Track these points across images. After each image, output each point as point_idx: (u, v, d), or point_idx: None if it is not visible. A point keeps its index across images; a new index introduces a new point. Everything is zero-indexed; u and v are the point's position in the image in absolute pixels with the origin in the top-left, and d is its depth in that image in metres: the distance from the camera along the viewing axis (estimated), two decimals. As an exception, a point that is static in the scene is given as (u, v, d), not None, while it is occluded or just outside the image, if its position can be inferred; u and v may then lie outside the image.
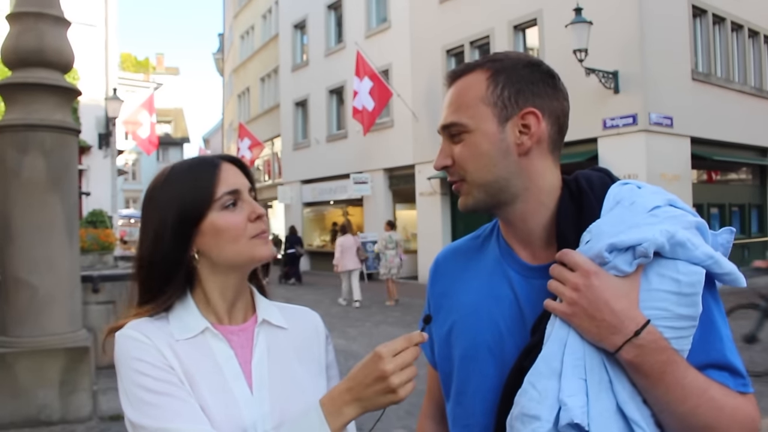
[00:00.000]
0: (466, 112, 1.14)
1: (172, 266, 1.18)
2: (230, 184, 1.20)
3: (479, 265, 1.25)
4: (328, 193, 23.87)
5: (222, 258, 1.19)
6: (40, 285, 4.68)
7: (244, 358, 1.20)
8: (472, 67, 1.17)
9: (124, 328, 1.15)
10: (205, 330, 1.18)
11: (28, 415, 4.70)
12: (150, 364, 1.09)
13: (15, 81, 4.66)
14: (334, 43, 23.76)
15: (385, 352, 1.04)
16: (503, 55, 1.18)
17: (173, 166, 1.25)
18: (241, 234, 1.18)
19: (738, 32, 16.45)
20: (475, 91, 1.14)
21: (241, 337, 1.22)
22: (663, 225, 1.01)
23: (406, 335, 1.07)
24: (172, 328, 1.17)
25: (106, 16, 18.07)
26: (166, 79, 48.02)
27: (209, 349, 1.17)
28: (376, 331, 10.70)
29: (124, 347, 1.12)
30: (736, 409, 1.01)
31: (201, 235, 1.18)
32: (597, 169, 1.23)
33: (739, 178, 17.57)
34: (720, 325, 1.06)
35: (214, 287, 1.21)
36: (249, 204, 1.21)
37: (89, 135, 17.21)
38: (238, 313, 1.25)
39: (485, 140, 1.13)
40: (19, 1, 4.71)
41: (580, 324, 1.01)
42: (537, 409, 0.98)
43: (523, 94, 1.13)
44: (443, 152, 1.18)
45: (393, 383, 1.02)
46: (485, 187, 1.14)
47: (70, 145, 4.90)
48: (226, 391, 1.14)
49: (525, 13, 15.52)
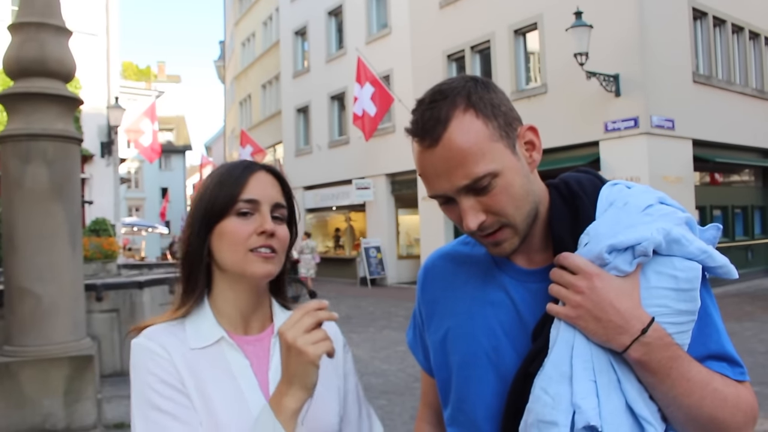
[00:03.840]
0: (484, 158, 1.03)
1: (193, 261, 1.20)
2: (252, 192, 1.19)
3: (471, 270, 1.24)
4: (331, 199, 23.88)
5: (223, 263, 1.20)
6: (44, 294, 4.68)
7: (261, 368, 1.19)
8: (447, 115, 1.04)
9: (142, 335, 1.16)
10: (221, 339, 1.18)
11: (33, 423, 4.70)
12: (160, 380, 1.10)
13: (17, 91, 4.67)
14: (334, 50, 23.82)
15: (283, 327, 1.05)
16: (456, 87, 1.07)
17: (222, 164, 1.27)
18: (241, 244, 1.17)
19: (739, 34, 16.46)
20: (479, 134, 1.04)
21: (257, 348, 1.22)
22: (658, 223, 1.03)
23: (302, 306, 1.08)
24: (188, 336, 1.17)
25: (108, 25, 18.13)
26: (167, 87, 48.19)
27: (224, 358, 1.17)
28: (379, 336, 10.68)
29: (140, 358, 1.12)
30: (738, 397, 1.04)
31: (213, 235, 1.19)
32: (584, 170, 1.22)
33: (741, 180, 17.55)
34: (715, 317, 1.09)
35: (227, 295, 1.22)
36: (262, 217, 1.19)
37: (91, 144, 17.27)
38: (254, 323, 1.25)
39: (515, 176, 1.07)
40: (20, 12, 4.73)
41: (586, 326, 1.01)
42: (553, 415, 0.98)
43: (507, 115, 1.09)
44: (472, 210, 1.05)
45: (299, 346, 1.02)
46: (527, 220, 1.10)
47: (72, 154, 4.90)
48: (241, 401, 1.13)
49: (525, 18, 15.54)
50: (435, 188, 1.08)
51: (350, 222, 24.04)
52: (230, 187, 1.19)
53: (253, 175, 1.21)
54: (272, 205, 1.21)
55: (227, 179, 1.20)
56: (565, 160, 13.60)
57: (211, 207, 1.18)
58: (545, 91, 14.81)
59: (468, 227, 1.06)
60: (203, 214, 1.19)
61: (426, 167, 1.07)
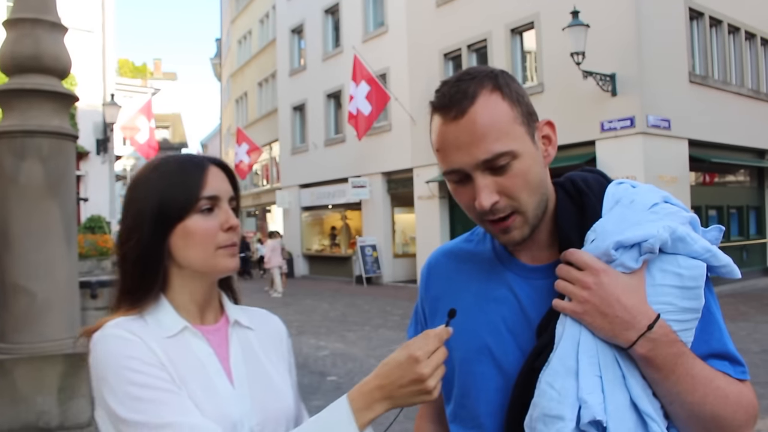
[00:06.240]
0: (507, 137, 1.05)
1: (148, 262, 1.17)
2: (212, 189, 1.19)
3: (474, 268, 1.25)
4: (327, 198, 23.86)
5: (187, 262, 1.18)
6: (39, 291, 4.66)
7: (222, 356, 1.20)
8: (475, 91, 1.06)
9: (106, 328, 1.12)
10: (184, 329, 1.17)
11: (27, 421, 4.68)
12: (142, 361, 1.07)
13: (12, 87, 4.65)
14: (331, 48, 23.79)
15: (421, 354, 1.03)
16: (484, 70, 1.11)
17: (162, 159, 1.23)
18: (210, 242, 1.17)
19: (735, 34, 16.49)
20: (503, 114, 1.05)
21: (216, 336, 1.23)
22: (664, 221, 1.04)
23: (435, 332, 1.06)
24: (152, 328, 1.15)
25: (104, 22, 18.07)
26: (163, 84, 48.07)
27: (189, 347, 1.16)
28: (375, 334, 10.68)
29: (112, 346, 1.08)
30: (740, 395, 1.05)
31: (173, 235, 1.17)
32: (590, 170, 1.23)
33: (737, 180, 17.59)
34: (718, 316, 1.10)
35: (184, 290, 1.21)
36: (225, 213, 1.20)
37: (87, 141, 17.19)
38: (209, 314, 1.25)
39: (532, 162, 1.07)
40: (15, 7, 4.71)
41: (593, 322, 1.02)
42: (558, 409, 0.99)
43: (529, 106, 1.12)
44: (487, 188, 1.05)
45: (429, 386, 1.03)
46: (537, 211, 1.10)
47: (67, 151, 4.88)
48: (211, 387, 1.14)
49: (522, 17, 15.55)
50: (453, 162, 1.07)
51: (346, 220, 24.04)
52: (189, 186, 1.17)
53: (209, 171, 1.20)
54: (228, 199, 1.22)
55: (183, 178, 1.18)
56: (562, 160, 13.60)
57: (169, 207, 1.16)
58: (542, 91, 14.82)
59: (481, 205, 1.06)
60: (157, 215, 1.16)
61: (447, 139, 1.07)
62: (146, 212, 1.16)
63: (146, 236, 1.16)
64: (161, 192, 1.17)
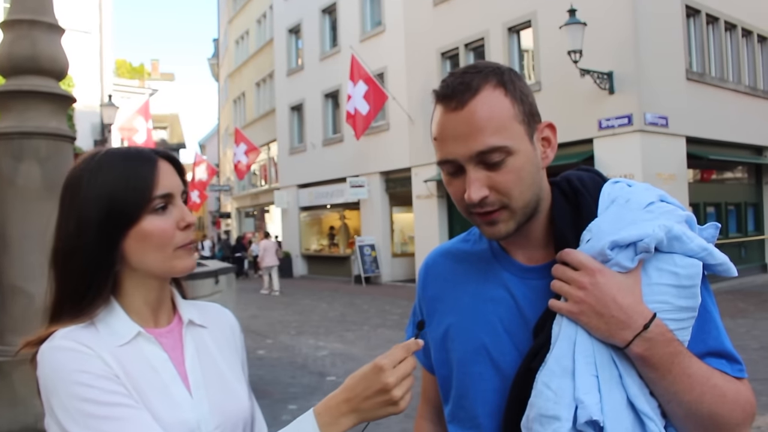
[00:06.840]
0: (504, 133, 1.05)
1: (96, 270, 1.08)
2: (165, 186, 1.10)
3: (471, 267, 1.25)
4: (325, 197, 23.85)
5: (142, 265, 1.11)
6: (37, 293, 4.66)
7: (177, 360, 1.15)
8: (479, 84, 1.07)
9: (54, 339, 1.03)
10: (138, 335, 1.10)
11: (25, 423, 4.68)
12: (95, 375, 1.00)
13: (9, 89, 4.64)
14: (329, 47, 23.77)
15: (386, 363, 1.02)
16: (490, 66, 1.11)
17: (105, 153, 1.12)
18: (168, 243, 1.10)
19: (732, 32, 16.50)
20: (504, 110, 1.06)
21: (170, 339, 1.17)
22: (659, 220, 1.04)
23: (403, 344, 1.06)
24: (104, 336, 1.07)
25: (101, 23, 18.06)
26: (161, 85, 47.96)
27: (143, 354, 1.10)
28: (374, 334, 10.68)
29: (61, 360, 1.00)
30: (737, 393, 1.05)
31: (126, 239, 1.08)
32: (586, 169, 1.23)
33: (734, 177, 17.61)
34: (715, 314, 1.10)
35: (136, 293, 1.14)
36: (180, 210, 1.12)
37: (85, 142, 17.19)
38: (162, 315, 1.19)
39: (527, 161, 1.08)
40: (12, 9, 4.70)
41: (589, 322, 1.02)
42: (555, 409, 0.99)
43: (532, 106, 1.11)
44: (478, 182, 1.06)
45: (395, 396, 1.02)
46: (525, 209, 1.10)
47: (65, 153, 4.88)
48: (167, 394, 1.08)
49: (519, 15, 15.55)
50: (448, 152, 1.08)
51: (344, 220, 24.03)
52: (139, 185, 1.08)
53: (158, 167, 1.11)
54: (180, 193, 1.15)
55: (131, 176, 1.08)
56: (559, 158, 13.59)
57: (118, 211, 1.06)
58: (539, 89, 14.82)
59: (470, 198, 1.06)
60: (105, 221, 1.06)
61: (446, 129, 1.08)
62: (92, 218, 1.07)
63: (92, 244, 1.07)
64: (109, 194, 1.07)
